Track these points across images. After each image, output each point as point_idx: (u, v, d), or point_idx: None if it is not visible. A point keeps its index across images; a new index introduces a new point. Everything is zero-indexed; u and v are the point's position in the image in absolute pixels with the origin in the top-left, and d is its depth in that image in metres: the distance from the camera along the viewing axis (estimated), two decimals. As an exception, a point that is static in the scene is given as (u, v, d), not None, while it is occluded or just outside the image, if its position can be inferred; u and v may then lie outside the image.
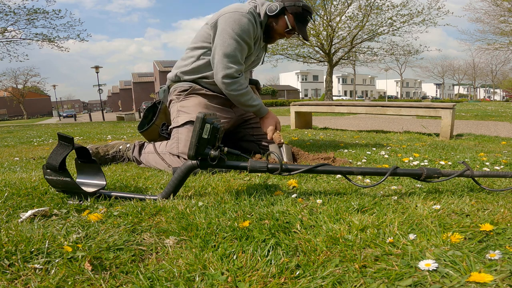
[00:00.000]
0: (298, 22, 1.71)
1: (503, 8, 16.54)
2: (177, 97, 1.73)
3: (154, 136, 1.87)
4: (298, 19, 1.71)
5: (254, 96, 1.71)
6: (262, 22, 1.69)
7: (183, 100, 1.71)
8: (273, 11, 1.67)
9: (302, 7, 1.69)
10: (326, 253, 0.67)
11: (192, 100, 1.69)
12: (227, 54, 1.56)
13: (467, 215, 0.87)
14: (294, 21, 1.70)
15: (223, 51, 1.56)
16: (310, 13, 1.74)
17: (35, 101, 54.88)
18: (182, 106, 1.69)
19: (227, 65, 1.58)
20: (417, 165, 1.62)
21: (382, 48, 17.46)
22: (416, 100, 47.57)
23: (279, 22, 1.71)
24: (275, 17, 1.70)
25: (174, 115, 1.70)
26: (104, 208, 0.96)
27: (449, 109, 3.20)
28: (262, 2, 1.72)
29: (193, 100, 1.69)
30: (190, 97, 1.70)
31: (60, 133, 0.99)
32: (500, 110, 10.32)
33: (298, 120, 4.54)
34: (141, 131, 1.85)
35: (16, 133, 6.04)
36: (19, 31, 13.98)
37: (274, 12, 1.67)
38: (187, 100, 1.70)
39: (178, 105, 1.71)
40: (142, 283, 0.57)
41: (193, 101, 1.69)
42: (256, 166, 1.06)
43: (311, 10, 1.74)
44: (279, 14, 1.69)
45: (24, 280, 0.58)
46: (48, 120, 28.32)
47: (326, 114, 8.99)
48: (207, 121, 1.00)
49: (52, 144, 3.40)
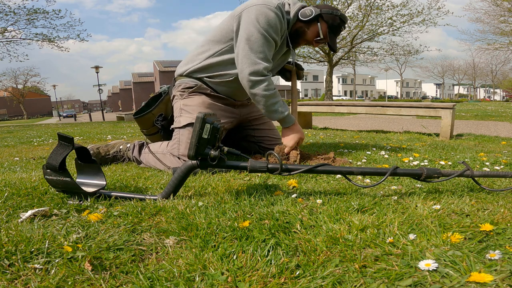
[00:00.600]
0: (330, 32, 1.61)
1: (503, 8, 16.54)
2: (181, 94, 1.66)
3: (148, 124, 1.81)
4: (331, 29, 1.60)
5: (282, 101, 1.55)
6: (289, 21, 1.57)
7: (186, 98, 1.65)
8: (307, 16, 1.55)
9: (339, 17, 1.59)
10: (326, 253, 0.67)
11: (195, 99, 1.63)
12: (254, 49, 1.43)
13: (467, 215, 0.87)
14: (327, 30, 1.59)
15: (250, 46, 1.43)
16: (345, 24, 1.64)
17: (35, 101, 54.90)
18: (185, 104, 1.64)
19: (255, 61, 1.43)
20: (417, 165, 1.62)
21: (382, 48, 17.48)
22: (416, 100, 47.56)
23: (310, 29, 1.59)
24: (307, 23, 1.58)
25: (177, 113, 1.66)
26: (104, 208, 0.96)
27: (449, 109, 3.20)
28: (295, 1, 1.60)
29: (197, 99, 1.63)
30: (193, 96, 1.64)
31: (60, 133, 0.99)
32: (500, 110, 10.32)
33: (298, 120, 4.52)
34: (136, 117, 1.80)
35: (16, 133, 6.04)
36: (19, 31, 14.00)
37: (308, 17, 1.55)
38: (190, 98, 1.64)
39: (181, 102, 1.65)
40: (142, 283, 0.57)
41: (196, 100, 1.63)
42: (256, 166, 1.06)
43: (346, 20, 1.63)
44: (313, 21, 1.57)
45: (24, 280, 0.58)
46: (48, 120, 28.33)
47: (326, 114, 8.99)
48: (207, 121, 1.00)
49: (52, 144, 3.40)
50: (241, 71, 1.48)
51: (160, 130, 1.82)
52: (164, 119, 1.81)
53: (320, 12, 1.56)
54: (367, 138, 3.01)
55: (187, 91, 1.65)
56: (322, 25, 1.58)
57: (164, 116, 1.82)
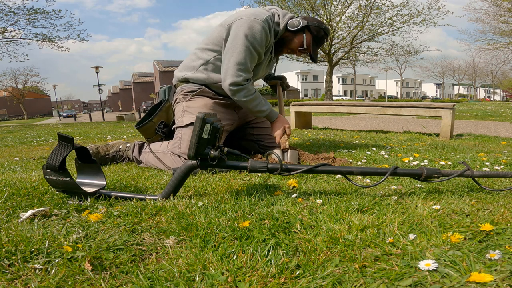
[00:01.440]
0: (314, 44, 1.71)
1: (503, 8, 16.54)
2: (184, 97, 1.72)
3: (150, 133, 1.85)
4: (315, 40, 1.70)
5: (263, 101, 1.70)
6: (279, 32, 1.67)
7: (189, 100, 1.70)
8: (294, 26, 1.65)
9: (324, 30, 1.69)
10: (326, 253, 0.67)
11: (198, 101, 1.68)
12: (237, 62, 1.55)
13: (467, 215, 0.87)
14: (311, 41, 1.69)
15: (234, 59, 1.55)
16: (327, 37, 1.74)
17: (35, 101, 54.88)
18: (188, 106, 1.68)
19: (236, 73, 1.56)
20: (417, 165, 1.62)
21: (382, 48, 17.49)
22: (416, 100, 47.56)
23: (296, 38, 1.69)
24: (293, 33, 1.68)
25: (179, 114, 1.69)
26: (104, 208, 0.95)
27: (449, 109, 3.20)
28: (284, 13, 1.70)
29: (200, 101, 1.68)
30: (196, 98, 1.69)
31: (60, 133, 0.99)
32: (500, 110, 10.32)
33: (298, 120, 4.54)
34: (138, 127, 1.84)
35: (16, 133, 6.04)
36: (19, 31, 13.99)
37: (296, 27, 1.64)
38: (193, 100, 1.69)
39: (184, 105, 1.70)
40: (142, 283, 0.57)
41: (199, 102, 1.68)
42: (256, 166, 1.06)
43: (329, 33, 1.74)
44: (299, 31, 1.67)
45: (24, 280, 0.58)
46: (48, 120, 28.33)
47: (326, 114, 8.99)
48: (207, 121, 1.00)
49: (52, 144, 3.40)
50: (223, 80, 1.61)
51: (162, 138, 1.83)
52: (165, 126, 1.84)
53: (307, 24, 1.65)
54: (367, 138, 3.01)
55: (190, 94, 1.71)
56: (307, 36, 1.67)
57: (165, 124, 1.85)
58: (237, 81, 1.57)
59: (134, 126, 1.89)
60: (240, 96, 1.60)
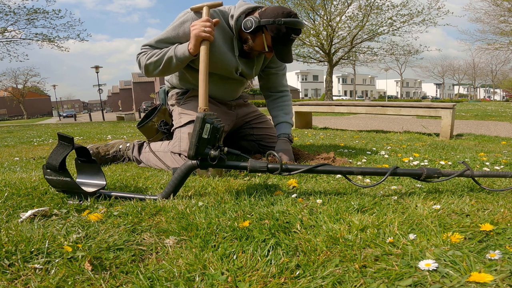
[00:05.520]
0: (277, 43, 1.45)
1: (503, 8, 16.55)
2: (177, 101, 1.75)
3: (152, 133, 1.86)
4: (277, 40, 1.43)
5: (166, 49, 1.47)
6: (233, 26, 1.50)
7: (184, 103, 1.72)
8: (248, 28, 1.45)
9: (285, 25, 1.39)
10: (326, 253, 0.67)
11: (192, 104, 1.69)
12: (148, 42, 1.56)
13: (467, 215, 0.87)
14: (272, 41, 1.45)
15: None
16: (296, 30, 1.44)
17: (35, 101, 54.90)
18: (183, 109, 1.70)
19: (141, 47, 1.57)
20: (417, 165, 1.62)
21: (382, 48, 17.49)
22: (416, 100, 47.55)
23: (256, 40, 1.49)
24: (251, 34, 1.48)
25: (177, 118, 1.71)
26: (104, 208, 0.95)
27: (449, 109, 3.20)
28: (241, 3, 1.54)
29: (193, 104, 1.69)
30: (189, 101, 1.71)
31: (60, 133, 0.99)
32: (500, 110, 10.33)
33: (298, 120, 4.55)
34: (139, 127, 1.86)
35: (16, 133, 6.04)
36: (19, 31, 14.00)
37: (249, 29, 1.45)
38: (187, 104, 1.71)
39: (179, 108, 1.71)
40: (142, 283, 0.57)
41: (193, 104, 1.69)
42: (256, 166, 1.06)
43: (298, 25, 1.42)
44: (257, 31, 1.46)
45: (24, 280, 0.58)
46: (48, 120, 28.33)
47: (326, 114, 8.99)
48: (207, 121, 1.00)
49: (52, 144, 3.40)
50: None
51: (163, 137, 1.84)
52: (166, 124, 1.84)
53: (259, 24, 1.42)
54: (367, 138, 3.01)
55: (183, 97, 1.74)
56: (266, 36, 1.45)
57: (166, 122, 1.85)
58: (138, 52, 1.57)
59: (136, 126, 1.91)
60: (143, 62, 1.50)
